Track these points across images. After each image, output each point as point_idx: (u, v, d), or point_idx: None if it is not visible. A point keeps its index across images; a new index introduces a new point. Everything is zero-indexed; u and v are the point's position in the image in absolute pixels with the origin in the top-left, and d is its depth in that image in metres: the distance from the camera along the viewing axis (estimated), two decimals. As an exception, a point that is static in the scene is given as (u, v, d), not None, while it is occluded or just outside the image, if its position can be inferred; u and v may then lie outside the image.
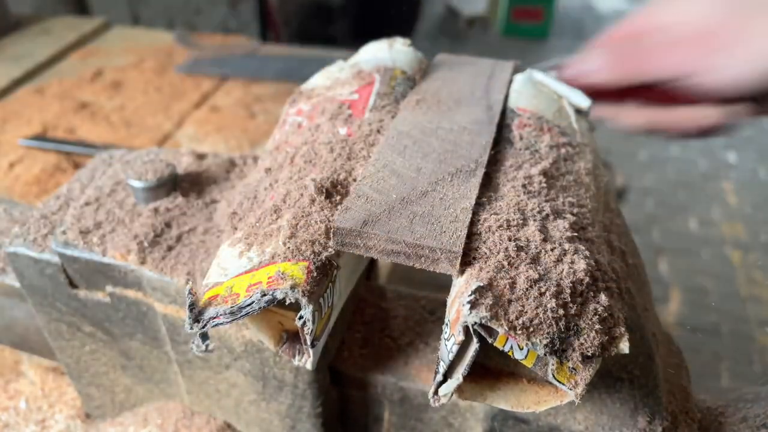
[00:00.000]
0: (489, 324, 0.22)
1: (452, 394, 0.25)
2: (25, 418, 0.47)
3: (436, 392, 0.25)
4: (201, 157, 0.42)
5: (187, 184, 0.39)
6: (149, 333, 0.37)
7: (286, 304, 0.25)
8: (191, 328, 0.25)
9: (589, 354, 0.23)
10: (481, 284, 0.23)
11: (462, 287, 0.24)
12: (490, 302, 0.23)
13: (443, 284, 0.27)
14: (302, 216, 0.28)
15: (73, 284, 0.37)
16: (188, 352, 0.36)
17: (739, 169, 2.34)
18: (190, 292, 0.25)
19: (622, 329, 0.24)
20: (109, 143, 0.82)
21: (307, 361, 0.27)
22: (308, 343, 0.25)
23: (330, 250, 0.27)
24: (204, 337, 0.26)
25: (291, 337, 0.28)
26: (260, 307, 0.24)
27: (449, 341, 0.24)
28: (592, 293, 0.24)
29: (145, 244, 0.34)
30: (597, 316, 0.24)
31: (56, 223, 0.38)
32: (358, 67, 0.39)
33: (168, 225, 0.35)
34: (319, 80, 0.40)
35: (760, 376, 1.58)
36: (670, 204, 2.17)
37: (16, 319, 0.45)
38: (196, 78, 1.00)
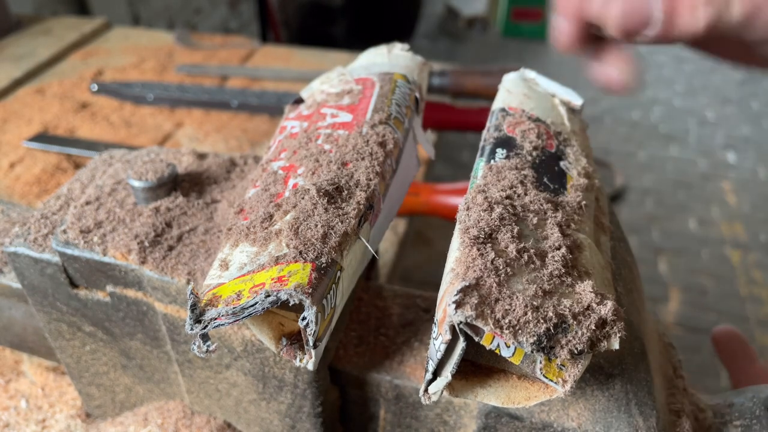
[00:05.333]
0: (474, 323, 0.23)
1: (442, 392, 0.25)
2: (25, 417, 0.48)
3: (426, 390, 0.26)
4: (201, 156, 0.42)
5: (187, 184, 0.39)
6: (149, 333, 0.37)
7: (290, 305, 0.25)
8: (192, 329, 0.25)
9: (578, 351, 0.23)
10: (467, 283, 0.24)
11: (449, 287, 0.24)
12: (476, 301, 0.23)
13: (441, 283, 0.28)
14: (304, 218, 0.28)
15: (73, 284, 0.37)
16: (188, 352, 0.36)
17: (739, 169, 2.34)
18: (192, 293, 0.25)
19: (613, 325, 0.24)
20: (110, 143, 0.82)
21: (308, 362, 0.27)
22: (310, 344, 0.25)
23: (333, 251, 0.27)
24: (205, 338, 0.26)
25: (292, 339, 0.28)
26: (264, 308, 0.24)
27: (437, 340, 0.24)
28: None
29: (146, 243, 0.34)
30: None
31: (57, 223, 0.38)
32: (357, 73, 0.39)
33: (168, 225, 0.36)
34: (317, 86, 0.39)
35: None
36: (669, 204, 2.17)
37: (14, 320, 0.45)
38: (196, 77, 1.00)
